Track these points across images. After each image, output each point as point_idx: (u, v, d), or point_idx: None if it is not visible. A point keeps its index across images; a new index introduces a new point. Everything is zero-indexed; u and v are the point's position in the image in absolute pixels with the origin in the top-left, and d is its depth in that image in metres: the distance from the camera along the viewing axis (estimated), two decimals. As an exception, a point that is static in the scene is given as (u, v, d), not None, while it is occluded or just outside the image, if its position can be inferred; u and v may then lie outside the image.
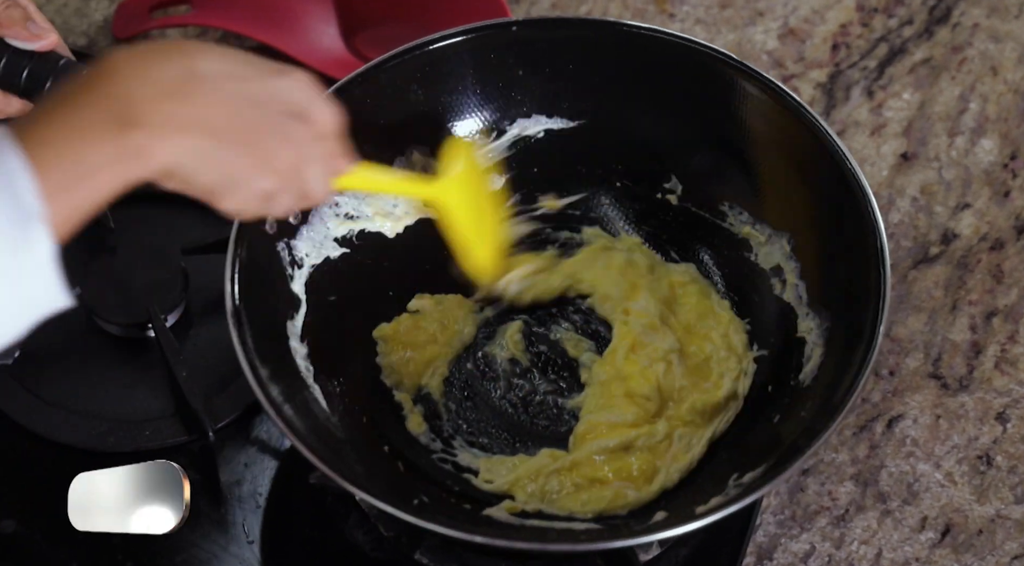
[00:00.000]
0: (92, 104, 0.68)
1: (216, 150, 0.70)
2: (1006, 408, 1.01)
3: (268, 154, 0.73)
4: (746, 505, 0.82)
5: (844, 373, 0.87)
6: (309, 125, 0.75)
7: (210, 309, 1.02)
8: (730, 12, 1.21)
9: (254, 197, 0.74)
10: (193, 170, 0.70)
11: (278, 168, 0.73)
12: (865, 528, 0.96)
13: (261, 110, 0.72)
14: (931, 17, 1.20)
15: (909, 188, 1.11)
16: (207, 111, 0.70)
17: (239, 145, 0.71)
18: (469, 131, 1.00)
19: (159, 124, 0.68)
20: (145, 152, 0.68)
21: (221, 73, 0.71)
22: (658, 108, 1.00)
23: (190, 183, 0.71)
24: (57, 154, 0.66)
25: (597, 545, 0.84)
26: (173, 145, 0.69)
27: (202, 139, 0.70)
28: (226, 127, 0.71)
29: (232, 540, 0.94)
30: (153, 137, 0.68)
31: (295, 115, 0.74)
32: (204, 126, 0.70)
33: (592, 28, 1.01)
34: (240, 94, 0.71)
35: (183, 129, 0.69)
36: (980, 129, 1.14)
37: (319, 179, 0.76)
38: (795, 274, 0.96)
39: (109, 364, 1.00)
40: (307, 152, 0.75)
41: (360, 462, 0.88)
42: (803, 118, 0.94)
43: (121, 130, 0.67)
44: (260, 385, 0.84)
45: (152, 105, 0.68)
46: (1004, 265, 1.07)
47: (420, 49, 0.98)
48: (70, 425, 0.97)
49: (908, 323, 1.04)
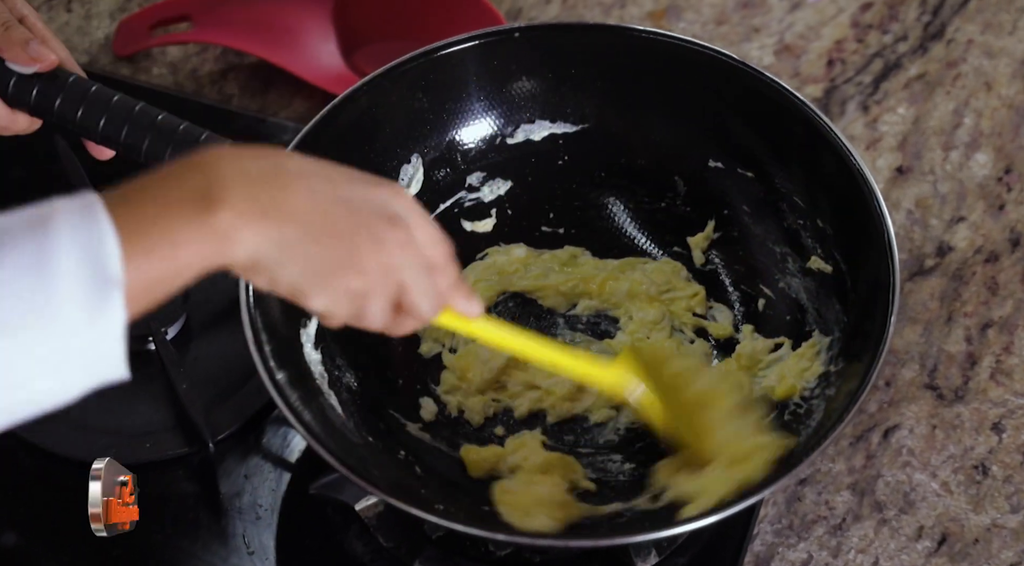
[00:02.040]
0: (182, 185, 0.66)
1: (301, 242, 0.68)
2: (1001, 418, 1.01)
3: (355, 252, 0.69)
4: (744, 511, 0.82)
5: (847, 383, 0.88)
6: (405, 232, 0.71)
7: (210, 322, 1.03)
8: (726, 28, 1.22)
9: (345, 298, 0.70)
10: (275, 261, 0.68)
11: (368, 268, 0.70)
12: (862, 537, 0.97)
13: (353, 209, 0.70)
14: (926, 33, 1.21)
15: (904, 201, 1.12)
16: (295, 202, 0.68)
17: (326, 239, 0.68)
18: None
19: (244, 209, 0.66)
20: (229, 236, 0.66)
21: (314, 172, 0.70)
22: (662, 111, 1.01)
23: (274, 276, 0.68)
24: (143, 226, 0.65)
25: (615, 540, 0.85)
26: (256, 232, 0.66)
27: (286, 229, 0.67)
28: (313, 219, 0.68)
29: (232, 551, 0.95)
30: (237, 221, 0.66)
31: (389, 220, 0.71)
32: (290, 216, 0.67)
33: (594, 33, 1.02)
34: (332, 192, 0.69)
35: (267, 216, 0.66)
36: (975, 143, 1.15)
37: (421, 291, 0.73)
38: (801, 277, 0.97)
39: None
40: (400, 258, 0.71)
41: (377, 467, 0.89)
42: (808, 117, 0.95)
43: (207, 209, 0.65)
44: (278, 390, 0.85)
45: (240, 189, 0.66)
46: (999, 277, 1.08)
47: (425, 57, 0.99)
48: (71, 438, 0.97)
49: (904, 334, 1.05)
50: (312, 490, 0.92)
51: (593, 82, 1.01)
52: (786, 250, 0.98)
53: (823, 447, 0.84)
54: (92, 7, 1.23)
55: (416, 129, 1.00)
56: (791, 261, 0.98)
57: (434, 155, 1.02)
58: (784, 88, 0.97)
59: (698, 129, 1.01)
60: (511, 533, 0.86)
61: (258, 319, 0.87)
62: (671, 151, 1.02)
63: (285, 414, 0.84)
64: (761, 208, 1.00)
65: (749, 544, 0.95)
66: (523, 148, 1.03)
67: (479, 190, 1.04)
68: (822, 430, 0.87)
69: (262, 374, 0.85)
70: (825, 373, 0.92)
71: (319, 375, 0.92)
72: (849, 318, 0.93)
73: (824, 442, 0.84)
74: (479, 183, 1.04)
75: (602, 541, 0.86)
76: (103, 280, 0.63)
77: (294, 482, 0.97)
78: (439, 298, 0.75)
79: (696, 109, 1.01)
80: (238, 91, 1.19)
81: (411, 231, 0.72)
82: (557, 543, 0.89)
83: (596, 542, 0.87)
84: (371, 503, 0.92)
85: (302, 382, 0.90)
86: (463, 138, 1.02)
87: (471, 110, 1.02)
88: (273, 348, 0.87)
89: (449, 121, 1.01)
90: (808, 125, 0.96)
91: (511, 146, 1.03)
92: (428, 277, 0.73)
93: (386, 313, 0.73)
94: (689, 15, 1.23)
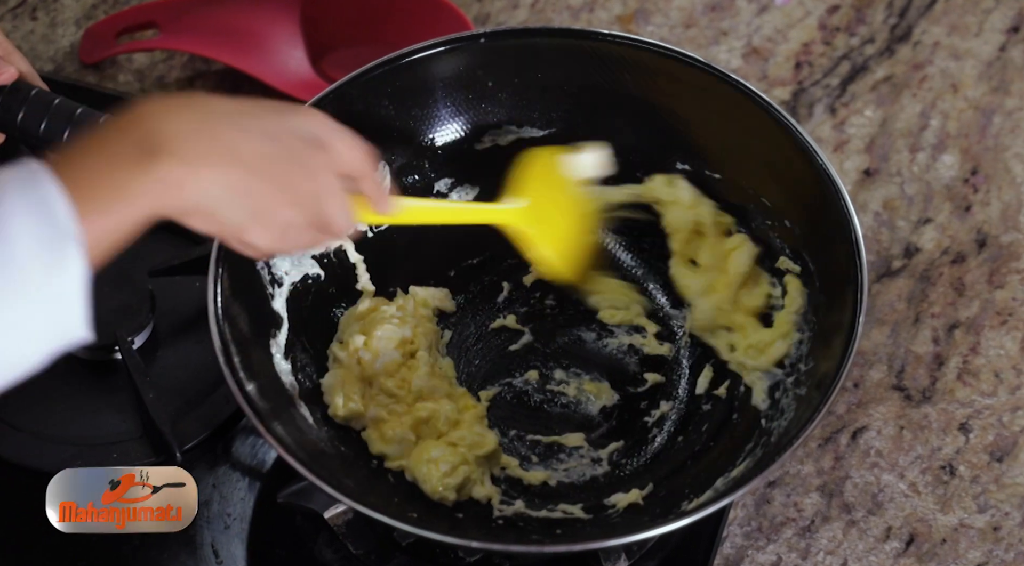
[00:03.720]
0: (122, 140, 0.69)
1: (243, 180, 0.71)
2: (968, 419, 1.02)
3: (290, 183, 0.73)
4: (713, 514, 0.82)
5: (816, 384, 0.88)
6: (328, 154, 0.75)
7: (177, 331, 1.02)
8: (694, 32, 1.22)
9: (277, 229, 0.74)
10: (221, 202, 0.71)
11: (299, 198, 0.74)
12: (831, 538, 0.97)
13: (281, 141, 0.73)
14: (892, 35, 1.22)
15: (872, 203, 1.12)
16: (231, 144, 0.71)
17: (267, 175, 0.72)
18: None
19: (186, 157, 0.69)
20: (175, 183, 0.69)
21: (239, 111, 0.73)
22: (630, 114, 1.01)
23: (217, 217, 0.71)
24: (91, 180, 0.67)
25: (591, 545, 0.85)
26: (201, 177, 0.70)
27: (231, 171, 0.71)
28: (251, 159, 0.71)
29: (202, 561, 0.94)
30: (182, 169, 0.69)
31: (313, 144, 0.74)
32: (230, 158, 0.71)
33: (560, 38, 1.01)
34: (258, 128, 0.73)
35: (210, 162, 0.70)
36: (941, 145, 1.16)
37: (339, 210, 0.76)
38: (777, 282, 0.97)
39: (76, 387, 1.00)
40: (326, 181, 0.75)
41: (349, 476, 0.89)
42: (776, 120, 0.95)
43: (151, 161, 0.68)
44: (248, 401, 0.84)
45: (179, 138, 0.69)
46: (965, 278, 1.08)
47: (390, 64, 0.98)
48: (37, 449, 0.97)
49: (872, 336, 1.05)
50: (280, 498, 0.92)
51: (560, 87, 1.01)
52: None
53: (793, 448, 0.84)
54: (57, 15, 1.23)
55: (383, 136, 0.99)
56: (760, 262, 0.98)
57: (401, 162, 1.01)
58: (752, 91, 0.97)
59: (666, 132, 1.01)
60: (484, 540, 0.86)
61: (227, 330, 0.87)
62: (639, 155, 1.02)
63: (256, 425, 0.84)
64: (729, 210, 1.00)
65: (719, 547, 0.95)
66: (491, 154, 1.03)
67: (447, 196, 1.03)
68: (792, 431, 0.87)
69: (231, 385, 0.85)
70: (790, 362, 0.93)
71: (290, 385, 0.92)
72: (818, 319, 0.93)
73: (794, 443, 0.84)
74: (447, 189, 1.03)
75: (575, 546, 0.86)
76: (58, 236, 0.65)
77: (263, 491, 0.97)
78: (354, 209, 0.78)
79: (663, 112, 1.01)
80: (205, 98, 1.19)
81: (331, 150, 0.75)
82: (531, 549, 0.89)
83: (569, 547, 0.86)
84: (340, 511, 0.92)
85: (272, 393, 0.89)
86: (430, 144, 1.02)
87: (438, 116, 1.01)
88: (242, 359, 0.87)
89: (416, 128, 1.01)
90: (776, 128, 0.96)
91: (479, 152, 1.03)
92: (343, 194, 0.76)
93: (309, 234, 0.76)
94: (657, 19, 1.23)
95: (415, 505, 0.90)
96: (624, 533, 0.85)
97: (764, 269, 0.97)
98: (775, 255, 0.97)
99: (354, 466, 0.91)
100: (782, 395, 0.92)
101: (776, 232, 0.97)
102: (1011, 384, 1.03)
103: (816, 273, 0.94)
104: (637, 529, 0.84)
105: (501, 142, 1.03)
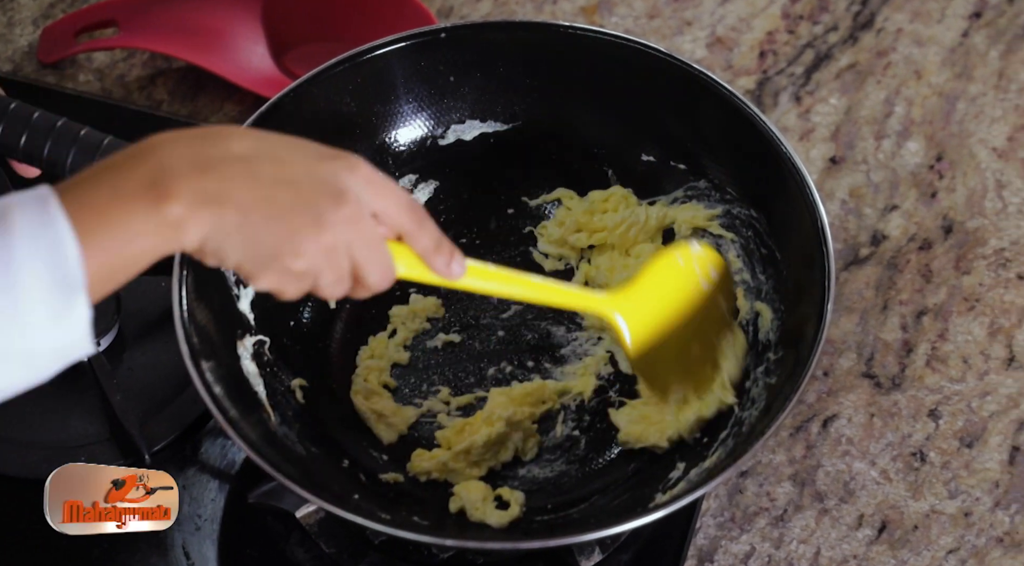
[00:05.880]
0: (131, 175, 0.69)
1: (240, 228, 0.70)
2: (938, 405, 1.02)
3: (295, 233, 0.71)
4: (686, 505, 0.82)
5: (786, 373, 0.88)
6: (352, 207, 0.72)
7: (144, 332, 1.01)
8: (658, 22, 1.22)
9: (291, 277, 0.73)
10: (219, 246, 0.70)
11: (306, 250, 0.72)
12: (803, 527, 0.97)
13: (297, 191, 0.71)
14: (855, 23, 1.22)
15: (838, 191, 1.12)
16: (236, 189, 0.70)
17: (264, 224, 0.71)
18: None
19: (191, 198, 0.69)
20: (179, 226, 0.69)
21: (258, 155, 0.71)
22: (594, 106, 1.01)
23: (222, 258, 0.71)
24: (98, 220, 0.67)
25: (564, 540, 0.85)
26: (201, 220, 0.69)
27: (227, 215, 0.70)
28: (253, 205, 0.70)
29: (173, 563, 0.94)
30: (185, 211, 0.68)
31: (334, 196, 0.72)
32: (230, 203, 0.70)
33: (522, 30, 1.01)
34: (276, 174, 0.71)
35: (210, 204, 0.69)
36: (906, 132, 1.16)
37: (371, 265, 0.74)
38: (745, 271, 0.97)
39: (41, 390, 0.97)
40: (344, 234, 0.73)
41: (320, 476, 0.88)
42: (740, 109, 0.95)
43: (157, 199, 0.68)
44: (216, 404, 0.84)
45: (186, 178, 0.69)
46: (932, 265, 1.09)
47: (351, 61, 0.98)
48: (3, 454, 0.96)
49: (840, 324, 1.05)
50: (251, 499, 0.92)
51: (523, 79, 1.01)
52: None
53: (765, 437, 0.84)
54: (15, 14, 1.21)
55: (345, 133, 0.99)
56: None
57: (365, 158, 1.01)
58: (716, 81, 0.97)
59: (630, 123, 1.01)
60: (457, 538, 0.86)
61: (193, 334, 0.86)
62: (604, 147, 1.02)
63: (224, 428, 0.83)
64: (694, 200, 1.00)
65: (692, 538, 0.95)
66: (455, 149, 1.02)
67: (412, 192, 1.03)
68: (764, 420, 0.87)
69: (199, 388, 0.84)
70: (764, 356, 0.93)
71: (257, 387, 0.91)
72: (786, 308, 0.93)
73: (766, 432, 0.84)
74: (411, 185, 1.03)
75: (550, 541, 0.86)
76: (66, 285, 0.66)
77: (233, 491, 0.96)
78: (391, 267, 0.76)
79: (628, 104, 1.01)
80: (167, 96, 1.17)
81: (361, 205, 0.73)
82: (505, 546, 0.88)
83: (544, 542, 0.86)
84: (312, 510, 0.92)
85: (240, 394, 0.89)
86: (394, 141, 1.01)
87: (400, 113, 1.01)
88: (210, 362, 0.86)
89: (379, 124, 1.01)
90: (740, 117, 0.96)
91: (443, 147, 1.02)
92: (375, 249, 0.74)
93: (341, 285, 0.75)
94: (621, 9, 1.23)
95: (387, 505, 0.90)
96: (597, 527, 0.84)
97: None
98: (751, 250, 0.97)
99: (324, 466, 0.91)
100: (752, 384, 0.92)
101: (742, 223, 0.97)
102: (979, 370, 1.03)
103: (783, 264, 0.94)
104: (610, 523, 0.84)
105: (465, 137, 1.02)
